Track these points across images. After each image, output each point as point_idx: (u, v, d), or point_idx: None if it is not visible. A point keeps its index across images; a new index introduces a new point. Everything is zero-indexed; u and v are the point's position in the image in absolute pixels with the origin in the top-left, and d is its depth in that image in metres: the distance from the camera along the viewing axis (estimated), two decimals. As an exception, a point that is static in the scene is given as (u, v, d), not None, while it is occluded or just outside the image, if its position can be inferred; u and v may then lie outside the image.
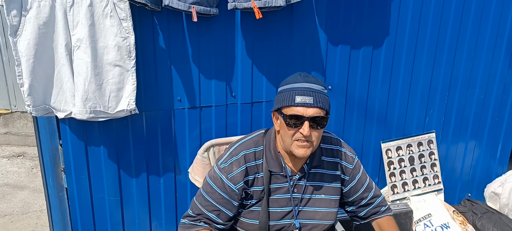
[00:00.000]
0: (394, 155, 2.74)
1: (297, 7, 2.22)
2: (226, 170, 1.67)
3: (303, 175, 1.72)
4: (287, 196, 1.71)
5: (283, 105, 1.57)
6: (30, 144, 4.88)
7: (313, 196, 1.75)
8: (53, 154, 2.17)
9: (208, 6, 1.97)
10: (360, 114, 2.58)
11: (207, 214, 1.68)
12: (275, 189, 1.70)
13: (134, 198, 2.30)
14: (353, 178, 1.81)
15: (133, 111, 2.01)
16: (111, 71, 1.92)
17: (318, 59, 2.36)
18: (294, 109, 1.54)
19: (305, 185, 1.73)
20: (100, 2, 1.83)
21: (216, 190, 1.67)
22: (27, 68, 1.83)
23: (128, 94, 1.98)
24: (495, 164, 3.06)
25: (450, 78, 2.70)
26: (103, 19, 1.85)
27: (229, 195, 1.66)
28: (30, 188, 3.88)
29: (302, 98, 1.53)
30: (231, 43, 2.19)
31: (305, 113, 1.53)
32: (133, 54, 1.93)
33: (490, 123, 2.92)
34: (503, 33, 2.69)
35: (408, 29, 2.49)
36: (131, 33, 1.90)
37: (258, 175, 1.69)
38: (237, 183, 1.65)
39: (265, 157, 1.69)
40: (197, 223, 1.70)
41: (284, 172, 1.69)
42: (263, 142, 1.73)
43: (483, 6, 2.59)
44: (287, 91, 1.58)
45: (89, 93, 1.89)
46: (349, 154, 1.81)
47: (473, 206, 2.89)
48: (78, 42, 1.84)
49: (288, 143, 1.59)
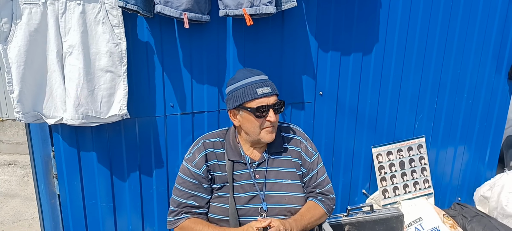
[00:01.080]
0: (384, 159, 2.77)
1: (288, 14, 2.26)
2: (190, 159, 1.85)
3: (262, 162, 1.88)
4: (250, 182, 1.86)
5: (246, 100, 1.75)
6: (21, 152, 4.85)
7: (277, 181, 1.89)
8: (45, 160, 2.17)
9: (200, 13, 1.99)
10: (350, 120, 2.61)
11: (185, 202, 1.83)
12: (237, 176, 1.86)
13: (127, 205, 2.30)
14: (308, 173, 1.95)
15: (125, 116, 2.03)
16: (103, 77, 1.94)
17: (309, 65, 2.39)
18: (258, 101, 1.74)
19: (266, 170, 1.88)
20: (92, 9, 1.85)
21: (186, 179, 1.84)
22: (17, 75, 1.83)
23: (120, 99, 2.00)
24: (484, 168, 3.10)
25: (439, 83, 2.74)
26: (95, 26, 1.87)
27: (197, 180, 1.83)
28: (21, 196, 3.85)
29: (262, 89, 1.75)
30: (222, 49, 2.21)
31: (268, 102, 1.75)
32: (125, 60, 1.96)
33: (478, 127, 2.96)
34: (489, 39, 2.75)
35: (397, 35, 2.53)
36: (123, 39, 1.93)
37: (218, 162, 1.86)
38: (201, 167, 1.83)
39: (225, 148, 1.88)
40: (179, 216, 1.84)
41: (243, 160, 1.86)
42: (224, 136, 1.93)
43: (470, 13, 2.64)
44: (244, 87, 1.77)
45: (81, 99, 1.90)
46: (310, 149, 1.97)
47: (463, 209, 2.93)
48: (70, 48, 1.85)
49: (256, 132, 1.79)
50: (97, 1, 1.85)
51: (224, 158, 1.86)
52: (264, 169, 1.88)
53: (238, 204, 1.83)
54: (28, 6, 1.78)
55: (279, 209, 1.85)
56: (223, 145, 1.89)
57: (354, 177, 2.77)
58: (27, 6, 1.78)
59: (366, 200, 2.83)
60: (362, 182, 2.81)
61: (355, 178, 2.77)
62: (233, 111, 1.84)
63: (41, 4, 1.79)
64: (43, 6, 1.80)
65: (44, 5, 1.80)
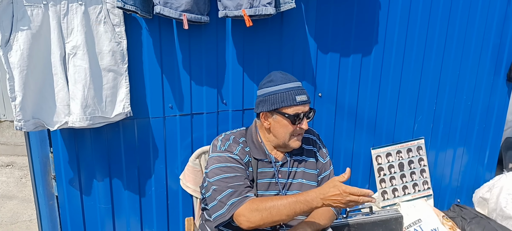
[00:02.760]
0: (384, 161, 2.76)
1: (287, 15, 2.26)
2: (228, 150, 1.80)
3: (285, 162, 1.89)
4: (273, 181, 1.87)
5: (284, 105, 1.76)
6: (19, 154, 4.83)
7: (295, 181, 1.91)
8: (43, 161, 2.16)
9: (199, 14, 1.99)
10: (350, 121, 2.61)
11: (243, 182, 1.72)
12: (261, 174, 1.85)
13: (126, 206, 2.29)
14: (321, 173, 1.98)
15: (129, 114, 2.05)
16: (106, 77, 1.95)
17: (308, 67, 2.39)
18: (296, 108, 1.76)
19: (289, 171, 1.89)
20: (93, 9, 1.86)
21: (232, 165, 1.76)
22: (20, 81, 1.79)
23: (123, 98, 2.02)
24: (483, 170, 3.10)
25: (438, 85, 2.74)
26: (97, 26, 1.88)
27: (242, 166, 1.78)
28: (19, 197, 3.84)
29: (300, 97, 1.77)
30: (222, 50, 2.21)
31: (304, 110, 1.78)
32: (126, 58, 1.99)
33: (477, 129, 2.96)
34: (488, 41, 2.75)
35: (396, 37, 2.53)
36: (123, 38, 1.95)
37: (250, 159, 1.85)
38: (244, 158, 1.81)
39: (249, 147, 1.86)
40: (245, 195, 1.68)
41: (268, 159, 1.87)
42: (245, 135, 1.91)
43: (469, 15, 2.65)
44: (283, 92, 1.77)
45: (88, 100, 1.90)
46: (323, 150, 2.02)
47: (462, 211, 2.93)
48: (74, 49, 1.85)
49: (286, 138, 1.80)
50: (98, 1, 1.86)
51: (250, 156, 1.85)
52: (287, 169, 1.89)
53: None
54: (30, 8, 1.77)
55: None
56: (246, 144, 1.88)
57: (353, 179, 2.76)
58: (29, 8, 1.76)
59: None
60: (361, 184, 2.80)
61: (354, 179, 2.77)
62: (266, 114, 1.82)
63: (42, 5, 1.78)
64: (45, 7, 1.79)
65: (46, 6, 1.79)
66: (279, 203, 1.61)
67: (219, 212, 1.69)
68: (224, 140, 1.86)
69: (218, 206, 1.70)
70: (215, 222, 1.71)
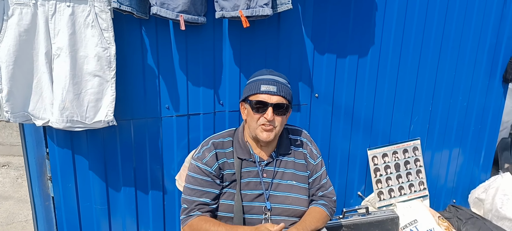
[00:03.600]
0: (380, 161, 2.77)
1: (284, 16, 2.26)
2: (200, 158, 1.86)
3: (271, 161, 1.90)
4: (257, 180, 1.87)
5: (250, 94, 1.80)
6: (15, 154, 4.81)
7: (283, 181, 1.90)
8: (39, 162, 2.16)
9: (196, 15, 1.99)
10: (346, 122, 2.62)
11: (197, 200, 1.82)
12: (245, 173, 1.87)
13: (122, 207, 2.29)
14: (312, 174, 1.98)
15: (111, 123, 1.99)
16: (91, 81, 1.91)
17: (305, 67, 2.39)
18: (259, 96, 1.77)
19: (274, 170, 1.90)
20: (82, 12, 1.82)
21: (197, 177, 1.84)
22: (6, 75, 1.81)
23: (107, 105, 1.96)
24: (478, 170, 3.12)
25: (434, 86, 2.75)
26: (85, 29, 1.84)
27: (209, 177, 1.83)
28: (15, 198, 3.82)
29: (266, 87, 1.77)
30: (219, 51, 2.21)
31: (269, 100, 1.76)
32: (113, 64, 1.92)
33: (473, 130, 2.98)
34: (484, 42, 2.77)
35: (392, 38, 2.54)
36: (112, 43, 1.89)
37: (227, 160, 1.87)
38: (212, 165, 1.84)
39: (234, 146, 1.89)
40: (190, 214, 1.82)
41: (252, 158, 1.88)
42: (233, 135, 1.94)
43: (465, 16, 2.66)
44: (253, 82, 1.82)
45: (66, 103, 1.87)
46: (314, 151, 2.01)
47: (458, 212, 2.94)
48: (58, 50, 1.83)
49: (254, 127, 1.81)
50: (87, 4, 1.82)
51: (233, 156, 1.88)
52: (272, 168, 1.90)
53: (245, 201, 1.84)
54: (19, 6, 1.77)
55: (282, 209, 1.86)
56: (232, 143, 1.90)
57: (350, 179, 2.77)
58: (18, 6, 1.76)
59: (361, 202, 2.84)
60: (358, 184, 2.81)
61: (350, 180, 2.77)
62: (241, 103, 1.90)
63: (31, 4, 1.78)
64: (34, 7, 1.78)
65: (35, 6, 1.78)
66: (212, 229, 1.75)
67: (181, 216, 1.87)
68: (204, 144, 1.92)
69: (183, 205, 1.86)
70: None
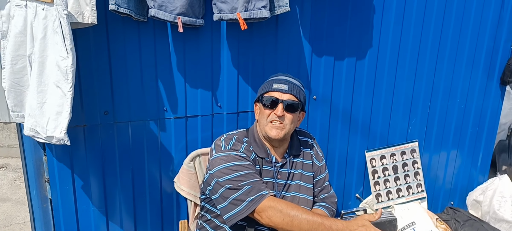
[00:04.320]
0: (378, 164, 2.78)
1: (282, 18, 2.26)
2: (233, 149, 1.83)
3: (285, 163, 1.93)
4: (272, 180, 1.90)
5: (263, 92, 1.87)
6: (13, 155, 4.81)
7: (292, 182, 1.95)
8: (37, 164, 2.15)
9: (194, 17, 1.99)
10: (344, 124, 2.62)
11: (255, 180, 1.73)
12: (264, 172, 1.89)
13: (120, 209, 2.28)
14: (316, 175, 2.04)
15: (63, 142, 1.80)
16: (54, 93, 1.78)
17: (303, 70, 2.40)
18: (271, 93, 1.84)
19: (288, 172, 1.93)
20: (51, 16, 1.73)
21: (237, 164, 1.76)
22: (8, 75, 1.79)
23: (60, 122, 1.79)
24: (476, 172, 3.12)
25: (432, 88, 2.76)
26: (53, 35, 1.73)
27: (248, 161, 1.80)
28: (13, 200, 3.82)
29: (278, 85, 1.83)
30: (217, 53, 2.21)
31: (281, 97, 1.82)
32: (70, 77, 1.73)
33: (470, 132, 2.98)
34: (481, 44, 2.78)
35: (390, 40, 2.55)
36: (70, 54, 1.71)
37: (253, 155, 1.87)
38: (249, 156, 1.84)
39: (252, 145, 1.89)
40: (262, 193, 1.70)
41: (269, 158, 1.90)
42: (247, 135, 1.94)
43: (463, 18, 2.67)
44: (267, 82, 1.90)
45: (31, 110, 1.81)
46: (320, 153, 2.09)
47: (455, 214, 2.94)
48: (34, 55, 1.78)
49: (264, 124, 1.85)
50: (55, 8, 1.72)
51: (256, 154, 1.89)
52: (286, 171, 1.93)
53: None
54: (18, 8, 1.77)
55: None
56: (249, 143, 1.91)
57: (348, 181, 2.77)
58: (17, 9, 1.77)
59: (359, 204, 2.84)
60: (356, 186, 2.82)
61: (348, 182, 2.78)
62: (255, 104, 1.96)
63: (23, 6, 1.77)
64: (25, 9, 1.78)
65: (25, 8, 1.78)
66: (303, 216, 1.64)
67: (234, 211, 1.71)
68: (227, 139, 1.88)
69: (233, 204, 1.72)
70: (230, 221, 1.73)
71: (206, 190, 1.90)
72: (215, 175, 1.78)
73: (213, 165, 1.81)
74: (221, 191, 1.76)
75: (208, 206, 1.95)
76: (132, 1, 1.89)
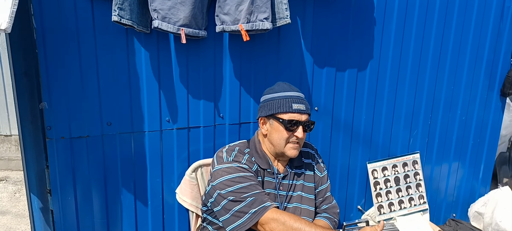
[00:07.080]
0: (380, 175, 2.77)
1: (284, 30, 2.28)
2: (235, 160, 1.82)
3: (286, 175, 1.93)
4: (274, 192, 1.89)
5: (280, 111, 1.81)
6: (13, 168, 4.80)
7: (294, 193, 1.94)
8: (39, 175, 2.15)
9: (197, 28, 2.01)
10: (346, 136, 2.62)
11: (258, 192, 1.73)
12: (266, 184, 1.88)
13: (121, 220, 2.27)
14: (318, 186, 2.03)
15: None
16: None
17: (304, 81, 2.41)
18: (292, 115, 1.80)
19: (289, 183, 1.93)
20: None
21: (239, 175, 1.76)
22: None
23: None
24: (478, 184, 3.12)
25: (433, 100, 2.77)
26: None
27: (250, 172, 1.80)
28: (13, 212, 3.79)
29: (297, 106, 1.81)
30: (219, 65, 2.23)
31: (300, 118, 1.81)
32: None
33: (472, 143, 2.99)
34: (482, 57, 2.80)
35: (391, 52, 2.56)
36: None
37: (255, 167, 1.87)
38: (252, 167, 1.83)
39: (254, 157, 1.88)
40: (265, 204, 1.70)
41: (271, 169, 1.89)
42: (248, 146, 1.94)
43: (463, 30, 2.69)
44: (281, 99, 1.83)
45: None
46: (321, 164, 2.09)
47: (458, 225, 2.93)
48: None
49: (281, 145, 1.83)
50: None
51: (258, 165, 1.88)
52: (288, 182, 1.93)
53: None
54: None
55: None
56: (251, 154, 1.90)
57: (350, 193, 2.77)
58: None
59: (361, 216, 2.83)
60: (358, 198, 2.81)
61: (350, 193, 2.77)
62: (264, 119, 1.89)
63: None
64: None
65: None
66: (307, 229, 1.64)
67: (237, 223, 1.71)
68: (229, 150, 1.88)
69: (235, 217, 1.71)
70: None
71: (208, 202, 1.89)
72: (217, 186, 1.78)
73: (215, 177, 1.80)
74: (223, 203, 1.75)
75: (210, 218, 1.94)
76: (135, 12, 1.90)
